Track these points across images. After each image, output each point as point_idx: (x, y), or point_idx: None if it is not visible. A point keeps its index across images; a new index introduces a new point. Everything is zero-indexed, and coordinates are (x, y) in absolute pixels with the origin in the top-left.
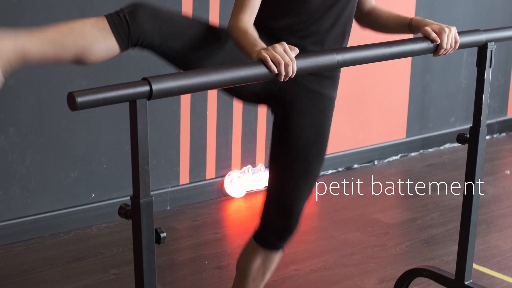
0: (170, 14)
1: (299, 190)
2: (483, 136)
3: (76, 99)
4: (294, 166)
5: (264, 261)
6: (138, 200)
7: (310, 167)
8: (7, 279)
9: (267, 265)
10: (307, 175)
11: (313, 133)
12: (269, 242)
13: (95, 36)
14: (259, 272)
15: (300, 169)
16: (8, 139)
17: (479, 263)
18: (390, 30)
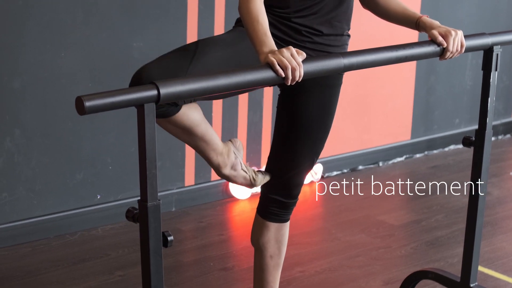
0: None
1: (299, 164)
2: (489, 139)
3: (84, 103)
4: (295, 139)
5: (275, 235)
6: (146, 203)
7: (312, 142)
8: (13, 281)
9: (279, 239)
10: (308, 149)
11: (319, 109)
12: (273, 214)
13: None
14: (274, 248)
15: (301, 143)
16: (14, 141)
17: (484, 265)
18: (395, 21)
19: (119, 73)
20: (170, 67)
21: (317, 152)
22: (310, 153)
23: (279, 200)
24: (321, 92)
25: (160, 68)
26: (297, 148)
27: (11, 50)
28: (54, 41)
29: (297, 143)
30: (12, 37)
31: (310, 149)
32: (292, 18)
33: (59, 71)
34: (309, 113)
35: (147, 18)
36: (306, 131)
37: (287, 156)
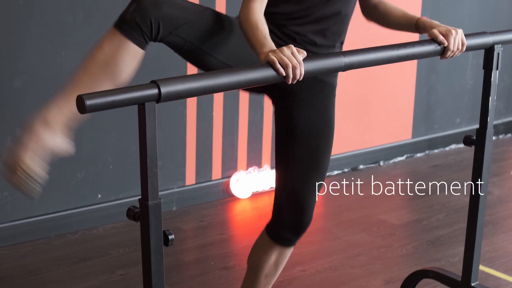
0: (174, 1)
1: (309, 182)
2: (490, 138)
3: (85, 102)
4: (302, 157)
5: (278, 257)
6: (147, 202)
7: (319, 157)
8: (14, 280)
9: (280, 261)
10: (316, 166)
11: (318, 121)
12: (284, 239)
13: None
14: (272, 268)
15: (309, 159)
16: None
17: (485, 264)
18: (395, 27)
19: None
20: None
21: (324, 167)
22: (317, 169)
23: (293, 224)
24: (317, 102)
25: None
26: (302, 166)
27: (12, 49)
28: (55, 41)
29: (302, 160)
30: (13, 37)
31: (316, 165)
32: (288, 26)
33: (60, 70)
34: (310, 124)
35: None
36: (311, 145)
37: (294, 176)
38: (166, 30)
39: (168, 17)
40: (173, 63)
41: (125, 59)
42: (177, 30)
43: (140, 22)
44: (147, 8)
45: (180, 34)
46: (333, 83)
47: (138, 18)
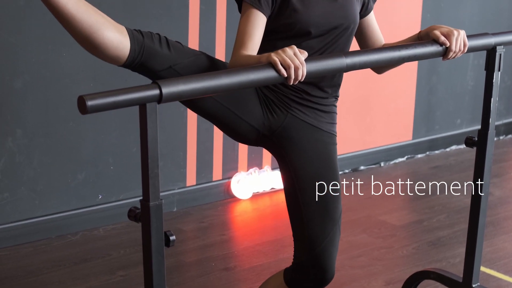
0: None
1: (326, 234)
2: (491, 139)
3: (86, 102)
4: (313, 208)
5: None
6: (148, 203)
7: (329, 205)
8: (14, 281)
9: None
10: (329, 215)
11: (319, 167)
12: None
13: (113, 26)
14: None
15: (320, 210)
16: (15, 141)
17: (486, 265)
18: None
19: (121, 73)
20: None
21: (337, 213)
22: (331, 217)
23: (317, 280)
24: (316, 148)
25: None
26: (315, 215)
27: (12, 49)
28: (56, 41)
29: (316, 211)
30: (14, 37)
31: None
32: None
33: (61, 70)
34: (314, 174)
35: (149, 17)
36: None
37: (311, 226)
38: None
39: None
40: None
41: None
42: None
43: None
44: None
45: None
46: (330, 130)
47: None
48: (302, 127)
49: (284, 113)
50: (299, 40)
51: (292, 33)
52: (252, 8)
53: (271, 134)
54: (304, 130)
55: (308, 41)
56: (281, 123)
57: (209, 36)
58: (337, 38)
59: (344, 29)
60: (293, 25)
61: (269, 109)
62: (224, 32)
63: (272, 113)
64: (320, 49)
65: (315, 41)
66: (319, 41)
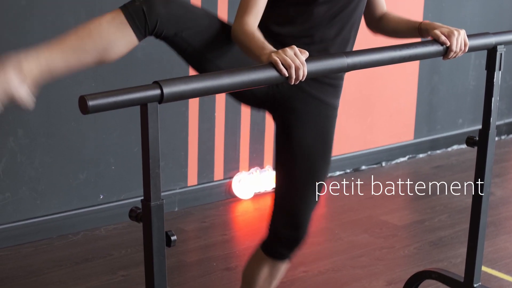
0: (185, 3)
1: (305, 199)
2: (493, 139)
3: (87, 102)
4: (299, 174)
5: (271, 271)
6: (149, 203)
7: (316, 176)
8: (16, 280)
9: (274, 275)
10: (312, 184)
11: (316, 140)
12: (277, 253)
13: (113, 33)
14: (266, 282)
15: (306, 177)
16: (17, 140)
17: (487, 265)
18: (400, 35)
19: (122, 73)
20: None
21: (320, 186)
22: (313, 187)
23: (288, 239)
24: (317, 122)
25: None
26: (299, 184)
27: (14, 49)
28: None
29: (299, 179)
30: (15, 37)
31: (312, 183)
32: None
33: None
34: (308, 144)
35: None
36: (306, 165)
37: (290, 194)
38: (171, 30)
39: (176, 17)
40: (175, 64)
41: (118, 41)
42: (183, 33)
43: (147, 14)
44: (158, 4)
45: (185, 37)
46: (334, 104)
47: (146, 10)
48: (306, 99)
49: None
50: (307, 6)
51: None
52: None
53: (275, 103)
54: (309, 102)
55: (316, 7)
56: (286, 94)
57: None
58: (346, 5)
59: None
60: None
61: None
62: None
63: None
64: (330, 15)
65: (323, 8)
66: (327, 8)
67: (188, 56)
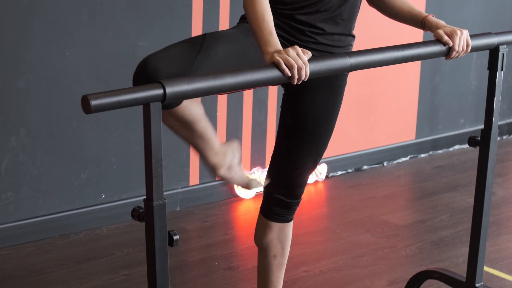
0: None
1: (302, 163)
2: (495, 138)
3: (90, 102)
4: (300, 138)
5: (278, 235)
6: (152, 202)
7: (316, 142)
8: (18, 280)
9: (282, 239)
10: (313, 151)
11: (323, 109)
12: (276, 214)
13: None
14: (278, 248)
15: (306, 142)
16: (19, 140)
17: (489, 265)
18: (399, 19)
19: (124, 72)
20: (177, 58)
21: (320, 152)
22: (313, 153)
23: (282, 200)
24: (325, 92)
25: (166, 58)
26: (300, 148)
27: (16, 49)
28: (59, 41)
29: (300, 143)
30: (17, 37)
31: (313, 149)
32: (295, 15)
33: (64, 70)
34: (313, 113)
35: (152, 17)
36: (309, 131)
37: (290, 156)
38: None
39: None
40: None
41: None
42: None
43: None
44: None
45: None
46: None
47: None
48: None
49: None
50: None
51: None
52: None
53: None
54: None
55: None
56: None
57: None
58: None
59: None
60: None
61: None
62: None
63: None
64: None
65: None
66: None
67: None
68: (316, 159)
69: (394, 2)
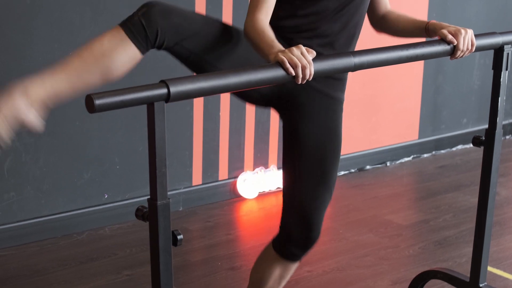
0: (184, 12)
1: (317, 198)
2: (499, 138)
3: (94, 101)
4: (309, 171)
5: (282, 271)
6: (156, 202)
7: (326, 172)
8: (21, 280)
9: (284, 276)
10: (323, 181)
11: (325, 136)
12: (291, 254)
13: (116, 51)
14: (276, 283)
15: (316, 174)
16: (21, 140)
17: (492, 265)
18: (406, 34)
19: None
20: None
21: (333, 181)
22: (324, 183)
23: (301, 240)
24: (324, 117)
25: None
26: (311, 180)
27: (19, 48)
28: (62, 40)
29: (311, 174)
30: (20, 36)
31: (324, 178)
32: (296, 39)
33: None
34: (316, 140)
35: None
36: (318, 160)
37: (303, 191)
38: (172, 40)
39: (176, 27)
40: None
41: (121, 57)
42: (183, 42)
43: (147, 27)
44: (156, 16)
45: (186, 45)
46: (340, 98)
47: (145, 23)
48: (312, 95)
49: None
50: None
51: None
52: None
53: (281, 99)
54: (315, 97)
55: (321, 1)
56: (292, 90)
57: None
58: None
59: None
60: None
61: None
62: None
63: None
64: (335, 9)
65: (329, 1)
66: (333, 2)
67: (190, 63)
68: (329, 190)
69: (398, 19)
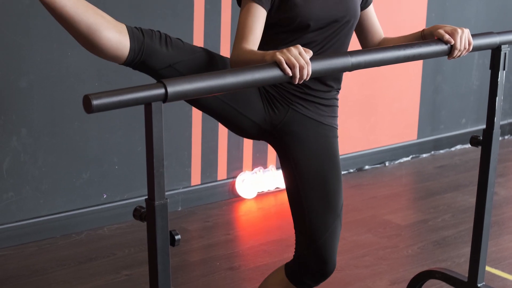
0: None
1: (327, 226)
2: (497, 138)
3: (92, 102)
4: (314, 200)
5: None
6: (153, 202)
7: (330, 198)
8: (19, 280)
9: None
10: (330, 207)
11: (321, 161)
12: (305, 284)
13: (112, 26)
14: None
15: (321, 202)
16: (20, 140)
17: (491, 265)
18: None
19: (126, 72)
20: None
21: (340, 206)
22: (333, 209)
23: (317, 274)
24: (318, 143)
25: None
26: (318, 208)
27: (18, 49)
28: (61, 40)
29: (317, 203)
30: (19, 36)
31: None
32: None
33: (66, 70)
34: (315, 167)
35: (154, 17)
36: (320, 187)
37: (313, 221)
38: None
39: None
40: None
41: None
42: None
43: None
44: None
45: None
46: (331, 124)
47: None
48: (304, 122)
49: (286, 108)
50: (299, 33)
51: (292, 27)
52: (252, 2)
53: (273, 129)
54: (306, 124)
55: (308, 34)
56: (283, 118)
57: (214, 36)
58: (338, 32)
59: (344, 23)
60: (293, 19)
61: (270, 104)
62: (229, 32)
63: (274, 108)
64: (321, 42)
65: (315, 34)
66: (319, 34)
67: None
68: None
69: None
